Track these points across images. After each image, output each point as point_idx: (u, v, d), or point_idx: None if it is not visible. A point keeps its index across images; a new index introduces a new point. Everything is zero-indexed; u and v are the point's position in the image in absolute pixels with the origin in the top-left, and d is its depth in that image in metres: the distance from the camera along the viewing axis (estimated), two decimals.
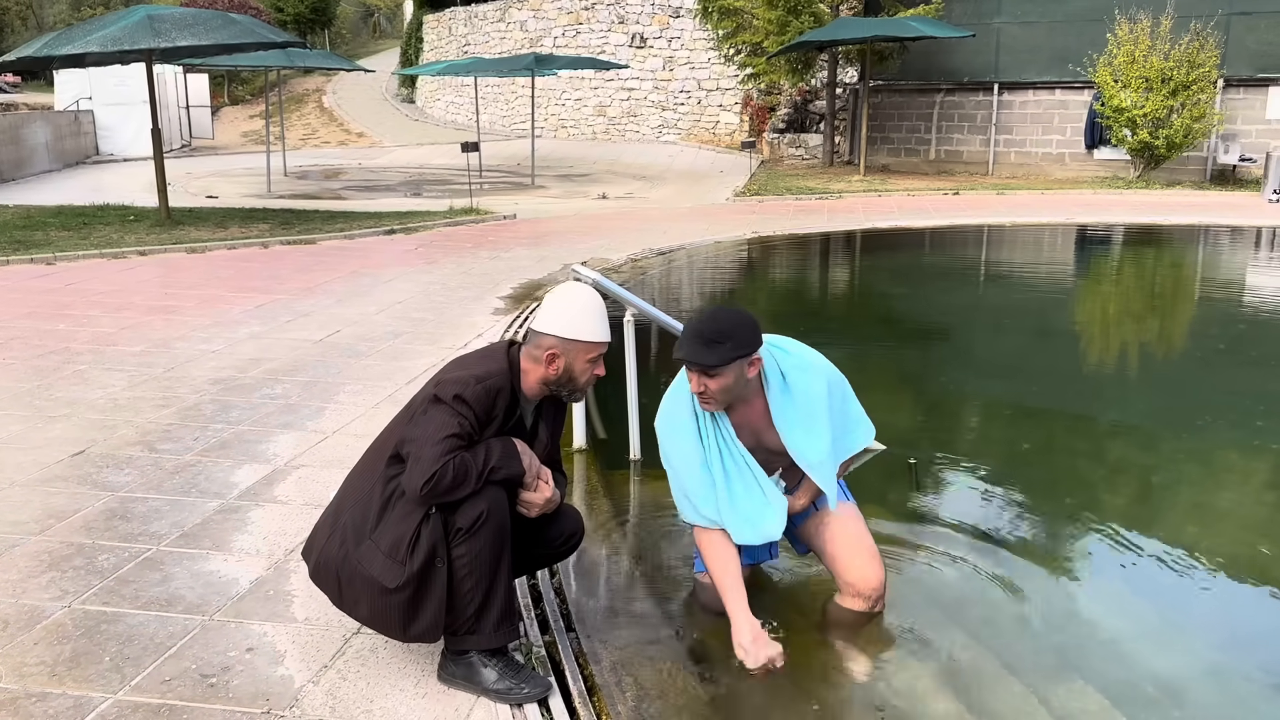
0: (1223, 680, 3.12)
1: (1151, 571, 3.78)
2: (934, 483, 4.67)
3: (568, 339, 2.82)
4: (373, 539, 2.72)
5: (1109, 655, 3.24)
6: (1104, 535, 4.08)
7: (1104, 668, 3.17)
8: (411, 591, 2.68)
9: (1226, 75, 17.94)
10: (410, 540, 2.67)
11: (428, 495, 2.62)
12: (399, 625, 2.73)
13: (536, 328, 2.86)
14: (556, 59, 21.14)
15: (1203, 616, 3.50)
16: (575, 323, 2.83)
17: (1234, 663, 3.22)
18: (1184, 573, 3.78)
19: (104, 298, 8.30)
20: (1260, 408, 5.92)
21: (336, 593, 2.80)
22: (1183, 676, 3.13)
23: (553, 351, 2.82)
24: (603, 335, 2.88)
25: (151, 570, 3.48)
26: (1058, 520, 4.24)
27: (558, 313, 2.85)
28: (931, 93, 20.95)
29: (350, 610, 2.80)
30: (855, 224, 13.91)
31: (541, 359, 2.83)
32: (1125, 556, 3.89)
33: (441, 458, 2.61)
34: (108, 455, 4.59)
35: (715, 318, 3.04)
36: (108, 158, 23.64)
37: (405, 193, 17.90)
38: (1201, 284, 10.86)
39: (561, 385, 2.89)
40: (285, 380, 5.89)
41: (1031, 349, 7.72)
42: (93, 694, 2.76)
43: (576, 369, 2.87)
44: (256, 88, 34.76)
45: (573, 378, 2.88)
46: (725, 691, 3.05)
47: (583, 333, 2.83)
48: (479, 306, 8.15)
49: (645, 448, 4.90)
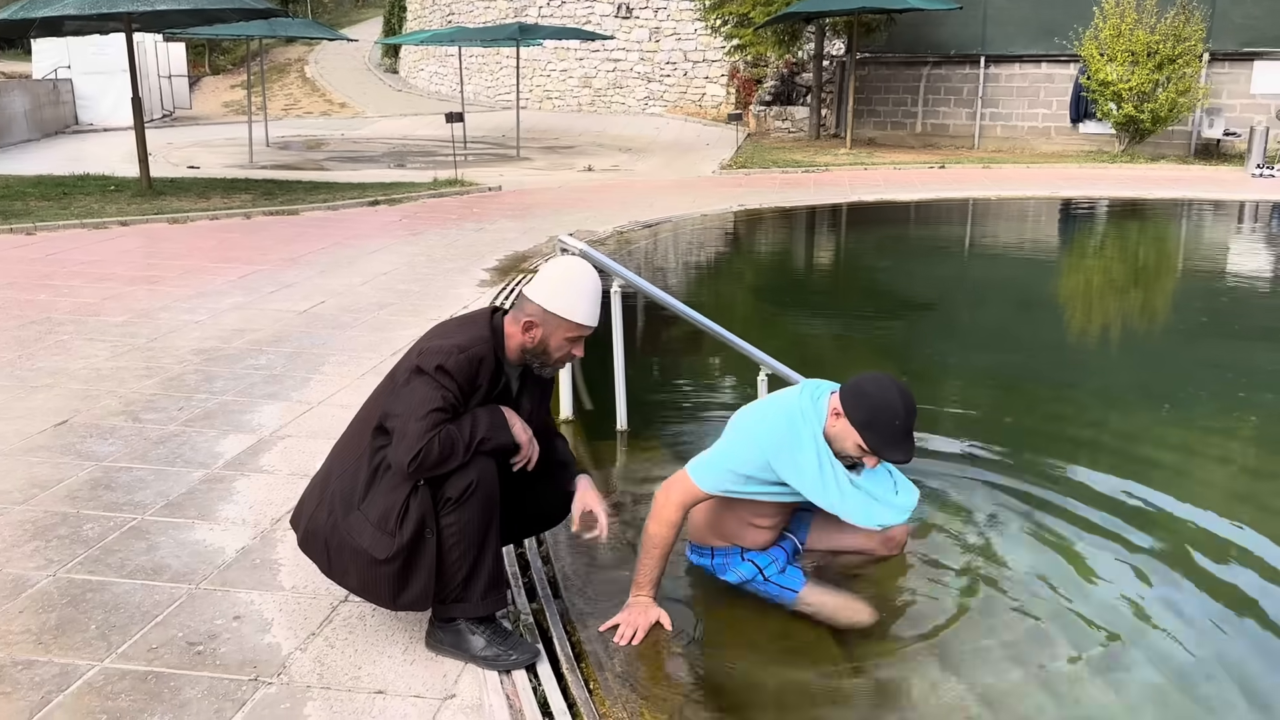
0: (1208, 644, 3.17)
1: (1134, 539, 3.81)
2: (921, 454, 4.69)
3: (549, 312, 2.77)
4: (361, 510, 2.71)
5: (1092, 621, 3.28)
6: (1083, 503, 4.12)
7: (1085, 634, 3.20)
8: (402, 562, 2.68)
9: (1212, 49, 17.95)
10: (400, 512, 2.66)
11: (415, 472, 2.61)
12: (389, 595, 2.73)
13: (526, 293, 2.83)
14: (541, 29, 20.97)
15: (1187, 581, 3.53)
16: (562, 298, 2.77)
17: (1218, 626, 3.26)
18: (1166, 539, 3.82)
19: (85, 268, 8.22)
20: (1243, 379, 5.97)
21: (325, 561, 2.80)
22: (1166, 638, 3.17)
23: (531, 320, 2.77)
24: (587, 318, 2.79)
25: (137, 539, 3.47)
26: (1038, 489, 4.27)
27: (549, 284, 2.80)
28: (918, 65, 20.89)
29: (339, 579, 2.80)
30: (841, 197, 13.90)
31: (520, 323, 2.79)
32: (1105, 524, 3.92)
33: (426, 433, 2.60)
34: (91, 425, 4.56)
35: (908, 405, 2.87)
36: (87, 127, 23.38)
37: (389, 164, 17.77)
38: (1184, 258, 10.91)
39: (534, 355, 2.83)
40: (270, 351, 5.85)
41: (1015, 321, 7.75)
42: (79, 661, 2.75)
43: (552, 344, 2.81)
44: (238, 57, 34.38)
45: (547, 350, 2.82)
46: (711, 657, 3.07)
47: (566, 310, 2.77)
48: (464, 278, 8.12)
49: (632, 418, 4.90)
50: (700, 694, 2.86)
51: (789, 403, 3.02)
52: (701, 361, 6.26)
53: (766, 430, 2.98)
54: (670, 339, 6.74)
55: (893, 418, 2.84)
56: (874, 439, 2.86)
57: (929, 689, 2.92)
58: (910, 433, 2.87)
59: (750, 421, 3.07)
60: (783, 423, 2.97)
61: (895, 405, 2.85)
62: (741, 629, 3.25)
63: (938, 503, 4.10)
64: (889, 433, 2.85)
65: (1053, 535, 3.86)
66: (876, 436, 2.86)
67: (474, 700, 2.66)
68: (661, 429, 5.08)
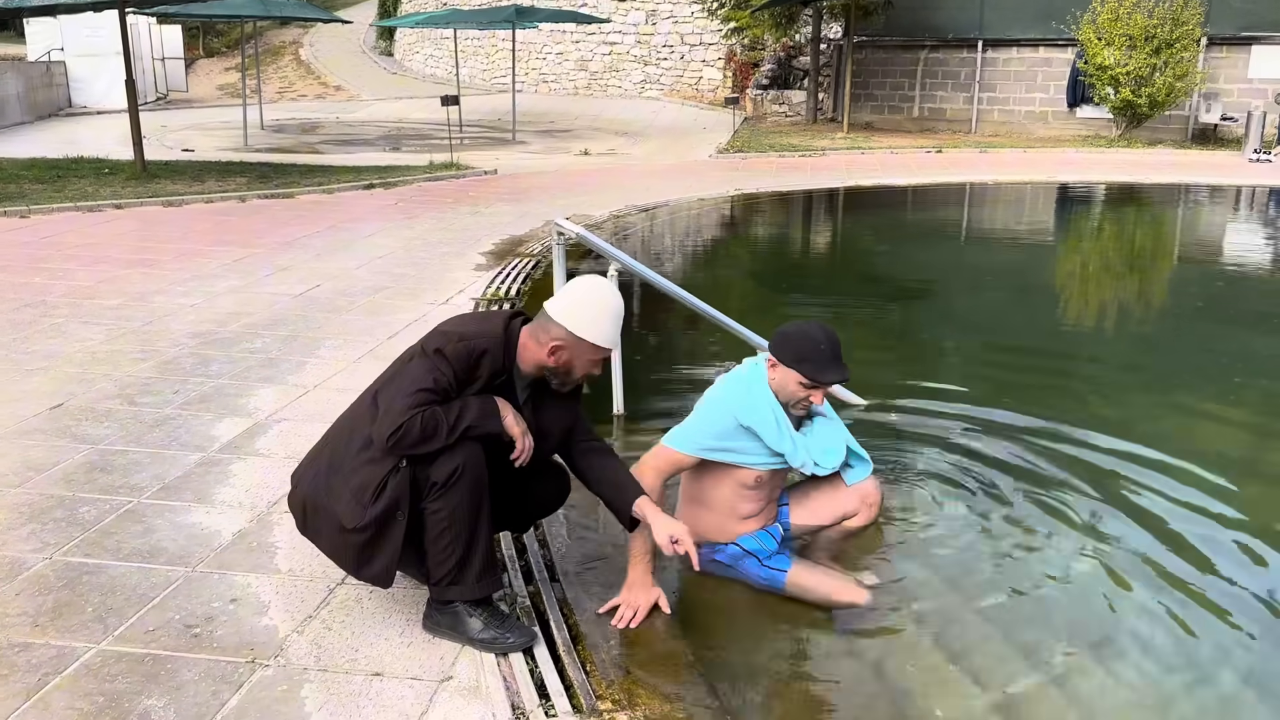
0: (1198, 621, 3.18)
1: (1124, 515, 3.83)
2: (913, 435, 4.70)
3: (579, 338, 2.77)
4: (344, 475, 2.74)
5: (1079, 599, 3.29)
6: (1074, 483, 4.13)
7: (1076, 609, 3.22)
8: (369, 536, 2.71)
9: (1209, 34, 17.89)
10: (376, 487, 2.68)
11: (394, 446, 2.63)
12: (352, 563, 2.78)
13: (552, 313, 2.81)
14: (537, 11, 20.85)
15: (1177, 559, 3.55)
16: (592, 323, 2.77)
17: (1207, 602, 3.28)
18: (1158, 516, 3.83)
19: (80, 251, 8.19)
20: (1238, 364, 5.98)
21: (302, 519, 2.85)
22: (1152, 615, 3.18)
23: (559, 344, 2.77)
24: (613, 341, 2.83)
25: (133, 522, 3.47)
26: (1033, 471, 4.27)
27: (577, 306, 2.79)
28: (916, 49, 20.83)
29: (312, 538, 2.86)
30: (838, 181, 13.87)
31: (546, 345, 2.78)
32: (1095, 502, 3.94)
33: (409, 410, 2.61)
34: (86, 408, 4.56)
35: (827, 334, 3.20)
36: (81, 110, 23.25)
37: (384, 147, 17.70)
38: (1181, 243, 10.91)
39: (555, 375, 2.84)
40: (265, 334, 5.84)
41: (1011, 306, 7.76)
42: (75, 644, 2.76)
43: (577, 366, 2.83)
44: (232, 40, 34.16)
45: (570, 373, 2.84)
46: (705, 640, 3.08)
47: (595, 336, 2.78)
48: (460, 262, 8.10)
49: (628, 402, 4.90)
50: (695, 676, 2.87)
51: (742, 373, 3.38)
52: (698, 345, 6.26)
53: (728, 393, 3.31)
54: (667, 323, 6.73)
55: (817, 345, 3.17)
56: (809, 368, 3.17)
57: (922, 669, 2.94)
58: (839, 356, 3.19)
59: (716, 392, 3.38)
60: (741, 386, 3.31)
61: (816, 336, 3.19)
62: (734, 612, 3.26)
63: (928, 481, 4.11)
64: (819, 358, 3.17)
65: (1044, 513, 3.87)
66: (811, 365, 3.17)
67: (471, 682, 2.67)
68: (658, 413, 5.08)
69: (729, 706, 2.75)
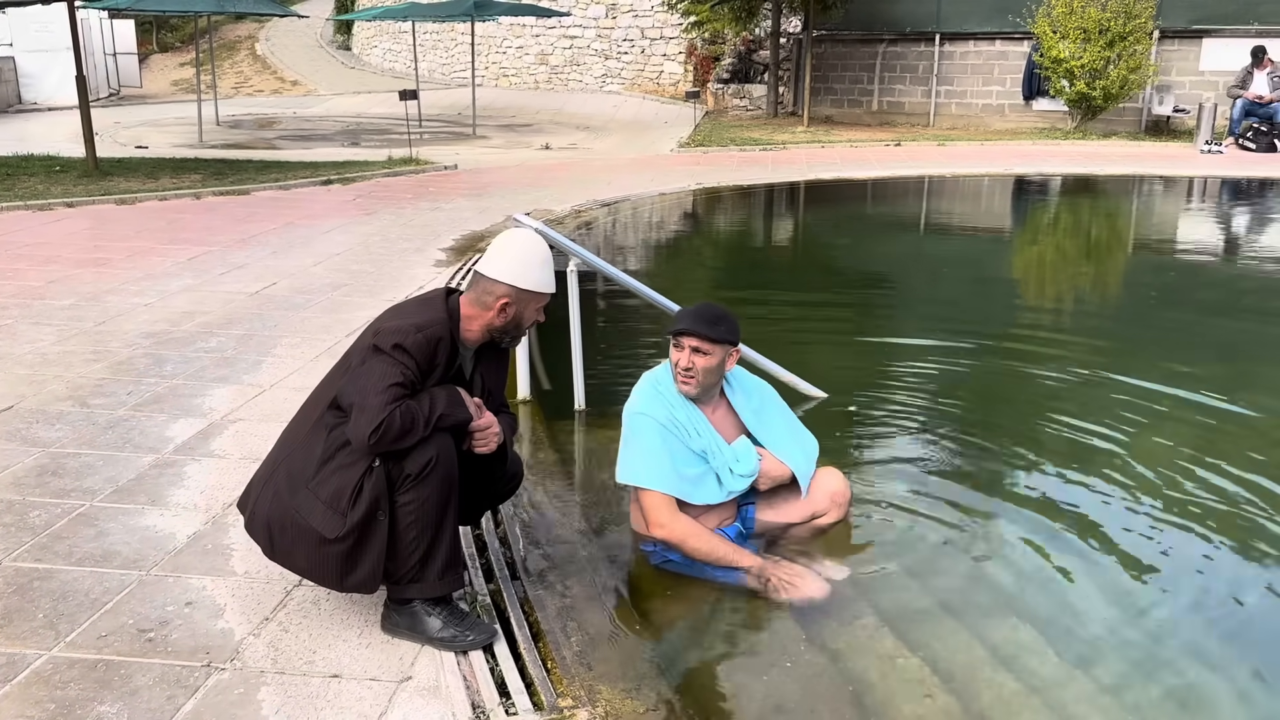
0: (1152, 612, 3.23)
1: (1088, 509, 3.88)
2: (875, 428, 4.73)
3: (523, 289, 2.85)
4: (310, 488, 2.68)
5: (1041, 589, 3.33)
6: (1035, 473, 4.18)
7: (1042, 605, 3.26)
8: (352, 543, 2.66)
9: (1162, 27, 18.13)
10: (353, 492, 2.64)
11: (376, 444, 2.59)
12: (336, 575, 2.71)
13: (488, 274, 2.85)
14: (497, 5, 20.69)
15: (1146, 548, 3.60)
16: (530, 273, 2.86)
17: (1165, 592, 3.33)
18: (1124, 505, 3.89)
19: (30, 250, 8.04)
20: (1195, 349, 6.07)
21: (269, 544, 2.77)
22: (1111, 607, 3.23)
23: (505, 300, 2.84)
24: (553, 285, 2.94)
25: (85, 526, 3.41)
26: (991, 462, 4.32)
27: (511, 261, 2.86)
28: (874, 43, 20.93)
29: (284, 561, 2.78)
30: (799, 175, 13.92)
31: (492, 306, 2.84)
32: (1058, 495, 3.98)
33: (387, 406, 2.59)
34: (37, 410, 4.47)
35: (710, 305, 3.36)
36: (31, 106, 22.80)
37: (342, 142, 17.52)
38: (1135, 233, 11.06)
39: (506, 332, 2.91)
40: (220, 333, 5.77)
41: (970, 296, 7.83)
42: (26, 651, 2.71)
43: (525, 317, 2.91)
44: (186, 34, 33.63)
45: (520, 325, 2.91)
46: (667, 635, 3.09)
47: (537, 284, 2.87)
48: (420, 258, 8.04)
49: (590, 398, 4.90)
50: (656, 672, 2.87)
51: (643, 379, 3.50)
52: (659, 340, 6.25)
53: (638, 400, 3.42)
54: (628, 318, 6.73)
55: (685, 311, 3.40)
56: (671, 326, 3.38)
57: (885, 663, 2.95)
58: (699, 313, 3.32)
59: (628, 409, 3.45)
60: (647, 387, 3.43)
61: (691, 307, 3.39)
62: (696, 607, 3.26)
63: (893, 476, 4.14)
64: (679, 316, 3.40)
65: (1009, 504, 3.91)
66: (672, 324, 3.38)
67: (431, 682, 2.65)
68: (619, 408, 5.06)
69: (690, 702, 2.75)
